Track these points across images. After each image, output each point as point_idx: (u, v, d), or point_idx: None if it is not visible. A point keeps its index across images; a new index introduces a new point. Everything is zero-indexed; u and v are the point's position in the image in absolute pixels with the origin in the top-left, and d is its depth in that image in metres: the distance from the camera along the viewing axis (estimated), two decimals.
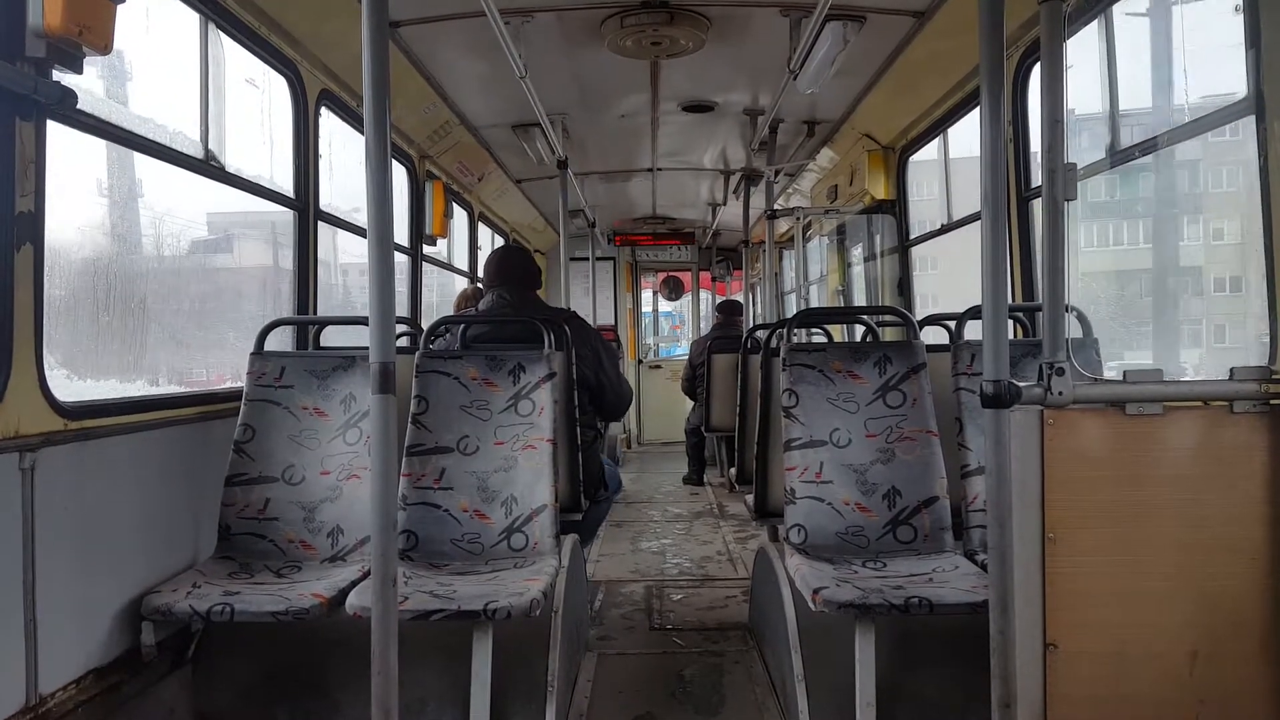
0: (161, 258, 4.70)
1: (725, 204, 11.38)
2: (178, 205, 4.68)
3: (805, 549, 4.17)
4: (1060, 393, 2.77)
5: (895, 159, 7.62)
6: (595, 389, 5.20)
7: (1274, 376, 2.79)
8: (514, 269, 5.28)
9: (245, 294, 6.06)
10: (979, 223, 2.90)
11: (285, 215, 5.31)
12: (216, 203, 5.12)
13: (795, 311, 8.41)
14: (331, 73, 5.52)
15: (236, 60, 4.70)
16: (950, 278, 8.91)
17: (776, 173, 8.63)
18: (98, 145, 3.81)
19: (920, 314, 5.24)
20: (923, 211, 7.55)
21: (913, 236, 7.70)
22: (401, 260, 7.67)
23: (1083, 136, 4.57)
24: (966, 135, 6.73)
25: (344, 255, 6.82)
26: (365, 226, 2.88)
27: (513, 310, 5.06)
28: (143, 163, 4.16)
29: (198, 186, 4.42)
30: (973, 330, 4.10)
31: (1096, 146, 4.42)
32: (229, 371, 5.18)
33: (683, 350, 16.07)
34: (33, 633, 3.15)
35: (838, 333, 7.62)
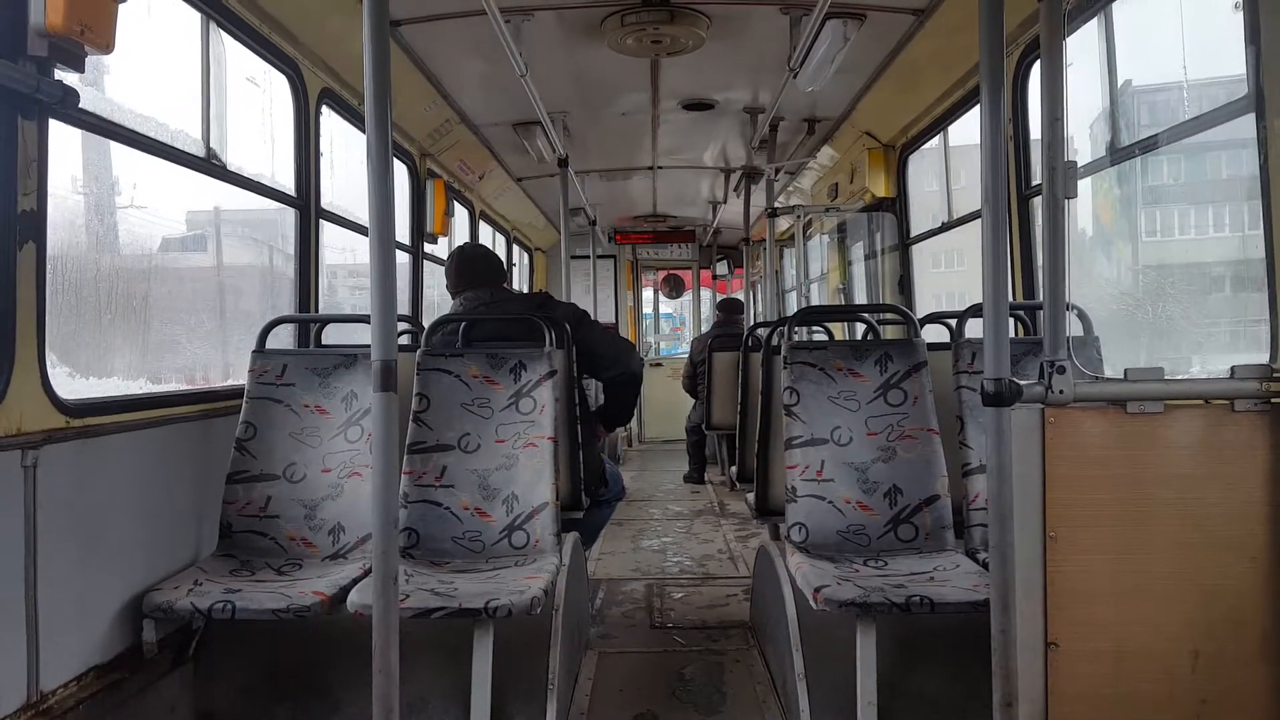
0: (114, 254, 4.48)
1: (726, 202, 11.39)
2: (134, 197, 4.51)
3: (806, 547, 4.17)
4: (1061, 391, 2.77)
5: (896, 157, 7.62)
6: (591, 358, 5.02)
7: (1275, 375, 2.79)
8: (478, 269, 5.15)
9: (205, 294, 5.71)
10: (980, 220, 2.91)
11: (260, 214, 5.26)
12: (182, 197, 4.97)
13: (796, 309, 8.42)
14: (333, 71, 5.52)
15: (238, 59, 4.70)
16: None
17: (777, 171, 8.64)
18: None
19: (934, 310, 5.23)
20: (934, 202, 7.44)
21: (913, 234, 7.70)
22: (403, 259, 7.68)
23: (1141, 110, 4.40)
24: (969, 131, 6.73)
25: (330, 254, 6.59)
26: (366, 225, 2.88)
27: (487, 309, 4.99)
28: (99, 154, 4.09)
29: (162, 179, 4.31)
30: (973, 328, 4.10)
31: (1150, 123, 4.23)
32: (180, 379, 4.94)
33: (683, 350, 16.08)
34: (34, 630, 3.16)
35: (839, 331, 7.62)
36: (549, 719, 3.80)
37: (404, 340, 5.37)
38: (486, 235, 10.82)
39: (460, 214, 9.38)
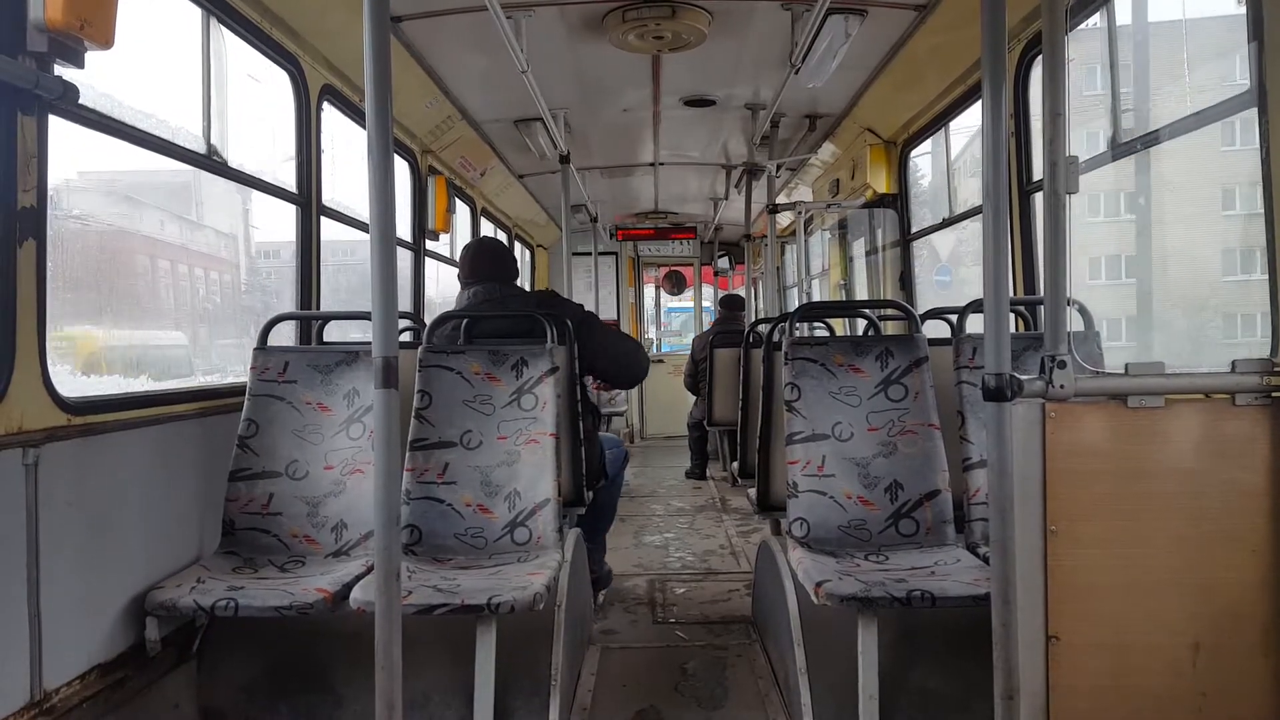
0: None
1: (727, 198, 11.40)
2: None
3: (808, 542, 4.18)
4: (1062, 385, 2.77)
5: (897, 153, 7.62)
6: (597, 360, 5.06)
7: (1276, 369, 2.79)
8: (491, 264, 5.19)
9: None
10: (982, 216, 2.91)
11: (171, 175, 5.10)
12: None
13: (797, 306, 8.41)
14: (334, 68, 5.52)
15: (239, 55, 4.70)
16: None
17: (778, 167, 8.64)
18: None
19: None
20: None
21: (914, 230, 7.70)
22: (404, 255, 7.68)
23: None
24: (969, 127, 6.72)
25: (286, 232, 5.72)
26: (367, 221, 2.88)
27: (497, 304, 5.00)
28: None
29: None
30: (974, 324, 4.10)
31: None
32: None
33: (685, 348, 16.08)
34: (37, 629, 3.16)
35: (839, 326, 7.61)
36: (552, 714, 3.81)
37: (406, 337, 5.38)
38: (488, 232, 10.82)
39: (462, 211, 9.39)
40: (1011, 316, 4.14)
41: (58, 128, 3.27)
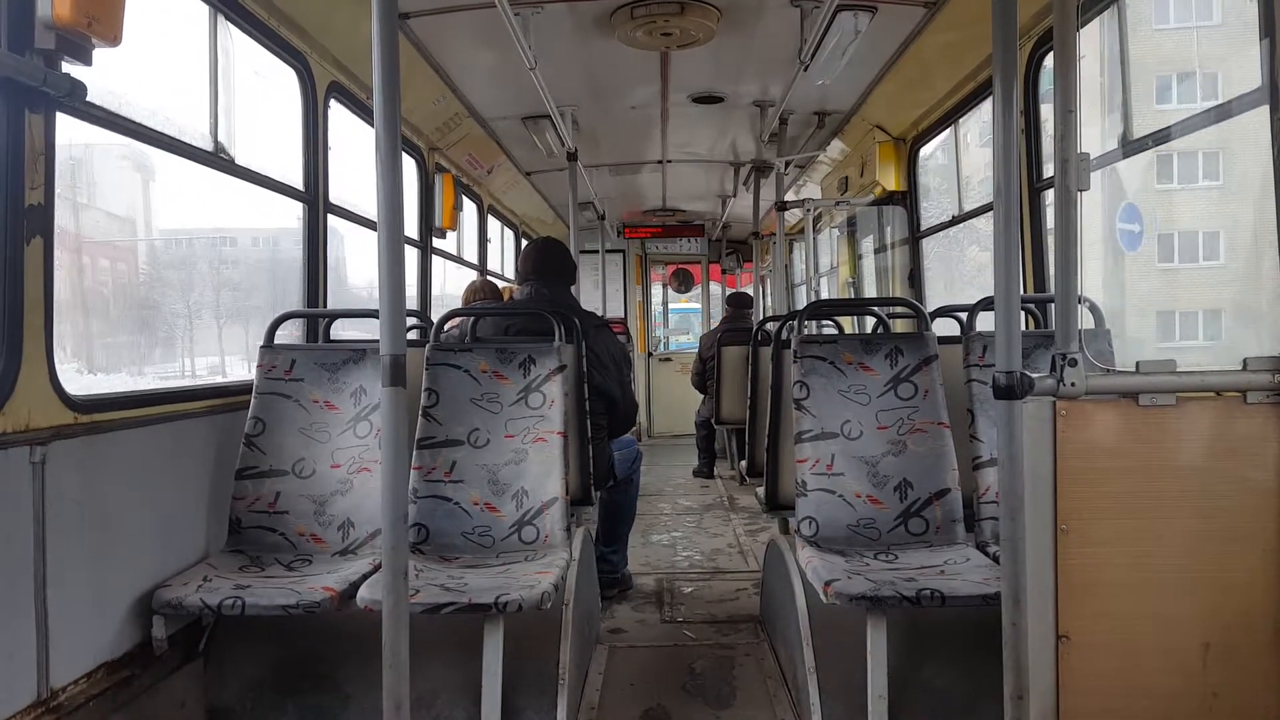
0: None
1: (735, 196, 11.38)
2: None
3: (816, 541, 4.16)
4: (1073, 384, 2.76)
5: (906, 150, 7.60)
6: (611, 401, 5.16)
7: None
8: (551, 263, 5.27)
9: None
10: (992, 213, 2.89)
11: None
12: None
13: (806, 303, 8.40)
14: (341, 65, 5.52)
15: (246, 52, 4.69)
16: None
17: (787, 164, 8.61)
18: None
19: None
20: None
21: (924, 227, 7.68)
22: (411, 253, 7.67)
23: None
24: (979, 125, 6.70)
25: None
26: (374, 219, 2.87)
27: (532, 304, 5.01)
28: None
29: None
30: (984, 322, 4.09)
31: None
32: None
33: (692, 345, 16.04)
34: (44, 627, 3.16)
35: (848, 324, 7.59)
36: (560, 713, 3.80)
37: (412, 335, 5.38)
38: (495, 230, 10.82)
39: (469, 208, 9.38)
40: (1021, 314, 4.12)
41: (65, 125, 3.27)
